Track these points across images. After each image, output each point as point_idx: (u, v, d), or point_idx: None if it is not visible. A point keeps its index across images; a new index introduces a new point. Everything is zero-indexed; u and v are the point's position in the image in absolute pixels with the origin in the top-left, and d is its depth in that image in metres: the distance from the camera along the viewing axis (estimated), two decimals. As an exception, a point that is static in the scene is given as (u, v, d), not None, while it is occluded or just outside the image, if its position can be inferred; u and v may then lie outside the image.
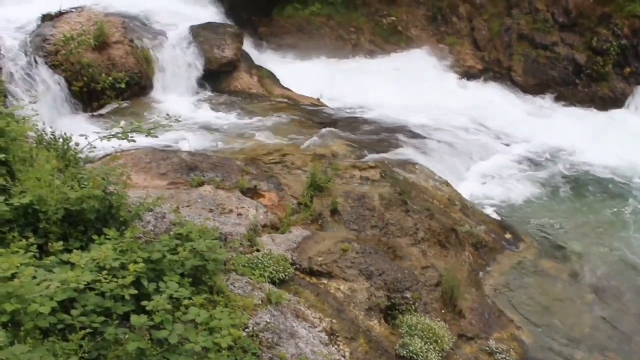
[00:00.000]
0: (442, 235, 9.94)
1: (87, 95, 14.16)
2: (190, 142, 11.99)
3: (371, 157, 12.27)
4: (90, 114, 14.00)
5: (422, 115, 15.85)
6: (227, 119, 14.07)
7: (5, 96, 12.36)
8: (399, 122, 15.06)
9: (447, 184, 12.05)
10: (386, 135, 14.02)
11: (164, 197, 7.15)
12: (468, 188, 12.95)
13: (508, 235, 11.49)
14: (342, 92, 16.50)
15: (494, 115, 16.68)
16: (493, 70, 19.01)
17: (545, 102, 18.05)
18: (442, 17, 19.70)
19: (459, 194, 11.96)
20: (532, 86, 18.43)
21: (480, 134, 15.64)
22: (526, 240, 11.49)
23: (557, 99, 18.13)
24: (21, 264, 4.43)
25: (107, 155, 9.67)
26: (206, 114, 14.25)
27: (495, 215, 12.28)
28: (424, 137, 14.21)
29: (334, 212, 9.56)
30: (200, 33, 15.87)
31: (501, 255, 10.89)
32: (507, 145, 15.39)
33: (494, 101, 17.67)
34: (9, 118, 6.05)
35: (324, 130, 13.46)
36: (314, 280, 7.98)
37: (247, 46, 16.84)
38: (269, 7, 19.91)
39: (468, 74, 18.86)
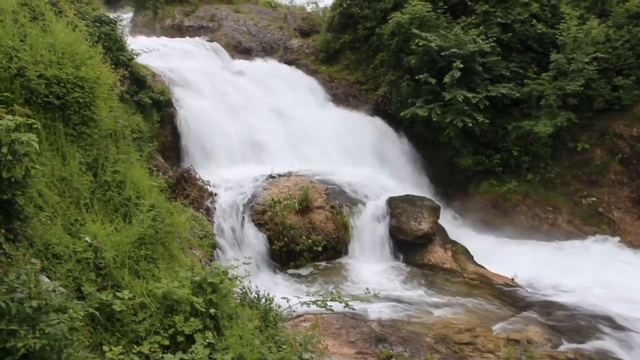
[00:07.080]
0: None
1: (286, 255, 14.96)
2: (380, 311, 12.02)
3: (569, 346, 11.46)
4: (287, 272, 14.66)
5: (626, 305, 14.58)
6: (419, 291, 13.97)
7: (214, 248, 13.42)
8: (599, 310, 13.94)
9: (657, 386, 10.89)
10: (585, 323, 13.05)
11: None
12: (683, 393, 11.53)
13: None
14: (538, 273, 15.78)
15: None
16: None
17: None
18: (647, 199, 18.72)
19: (672, 399, 10.73)
20: None
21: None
22: None
23: None
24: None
25: (299, 315, 9.93)
26: (398, 285, 14.28)
27: None
28: (629, 330, 13.00)
29: (527, 403, 8.98)
30: (398, 205, 16.35)
31: None
32: None
33: None
34: (223, 276, 6.48)
35: (518, 313, 12.91)
36: None
37: (442, 220, 16.98)
38: (465, 182, 20.19)
39: (681, 261, 17.36)
